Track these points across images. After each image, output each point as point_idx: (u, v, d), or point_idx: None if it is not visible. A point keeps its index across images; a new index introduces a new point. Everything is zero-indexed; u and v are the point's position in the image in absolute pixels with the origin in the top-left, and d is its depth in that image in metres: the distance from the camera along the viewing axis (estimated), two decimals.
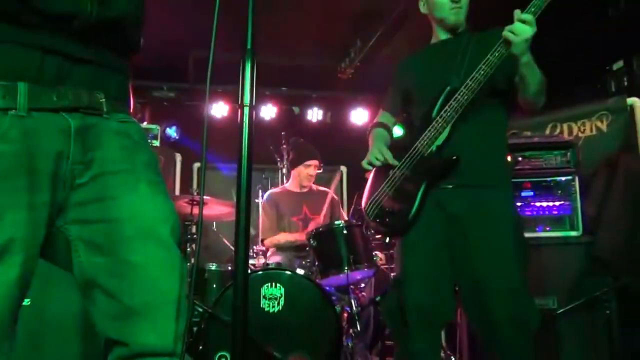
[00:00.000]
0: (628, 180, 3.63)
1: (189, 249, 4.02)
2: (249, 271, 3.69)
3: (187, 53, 5.77)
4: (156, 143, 5.20)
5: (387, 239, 3.33)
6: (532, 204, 3.74)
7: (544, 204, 3.75)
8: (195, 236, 3.93)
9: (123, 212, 1.19)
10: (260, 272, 3.16)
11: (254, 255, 4.70)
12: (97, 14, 1.16)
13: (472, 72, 2.08)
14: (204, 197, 3.73)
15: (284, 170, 5.32)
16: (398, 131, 2.54)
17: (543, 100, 2.18)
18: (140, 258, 1.18)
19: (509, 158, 3.72)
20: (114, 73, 1.28)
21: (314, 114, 6.72)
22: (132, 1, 1.25)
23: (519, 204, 3.68)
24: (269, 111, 6.54)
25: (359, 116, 6.75)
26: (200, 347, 3.03)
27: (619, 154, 3.83)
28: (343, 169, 6.80)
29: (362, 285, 3.80)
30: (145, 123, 5.68)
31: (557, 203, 3.71)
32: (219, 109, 6.33)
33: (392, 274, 3.74)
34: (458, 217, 2.15)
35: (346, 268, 3.23)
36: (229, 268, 4.06)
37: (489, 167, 2.21)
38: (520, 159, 3.76)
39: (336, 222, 3.46)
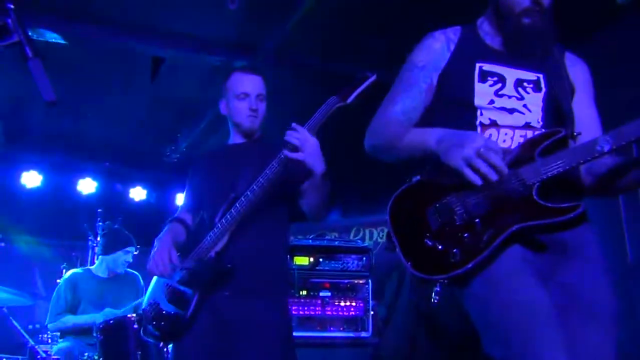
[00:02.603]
0: (414, 286, 3.98)
1: None
2: None
3: None
4: None
5: (161, 344, 3.23)
6: (330, 303, 3.91)
7: (341, 304, 3.95)
8: None
9: None
10: None
11: (48, 341, 4.31)
12: None
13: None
14: None
15: (97, 250, 5.04)
16: None
17: (326, 214, 2.34)
18: None
19: (310, 259, 3.95)
20: None
21: (137, 193, 6.55)
22: None
23: (319, 302, 3.87)
24: (87, 185, 6.23)
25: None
26: None
27: None
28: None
29: None
30: None
31: (352, 304, 3.93)
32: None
33: None
34: (232, 325, 2.17)
35: None
36: None
37: (265, 276, 2.28)
38: (321, 260, 3.96)
39: (128, 315, 3.30)
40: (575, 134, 1.46)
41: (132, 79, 4.66)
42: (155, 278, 2.40)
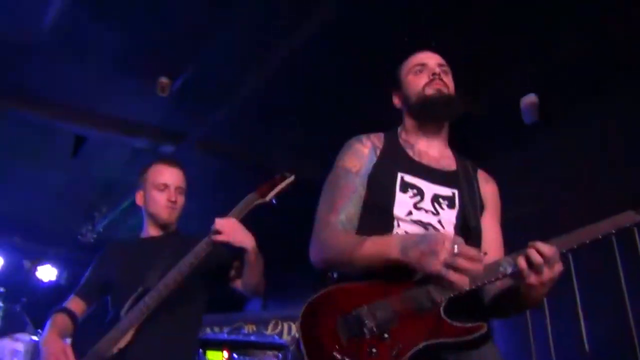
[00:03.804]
0: None
1: None
2: None
3: None
4: None
5: None
6: None
7: None
8: None
9: None
10: None
11: None
12: None
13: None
14: None
15: None
16: None
17: (263, 290, 2.25)
18: None
19: (225, 354, 3.79)
20: None
21: (46, 273, 6.16)
22: None
23: None
24: None
25: None
26: None
27: None
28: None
29: None
30: None
31: None
32: None
33: None
34: None
35: None
36: None
37: None
38: (235, 355, 3.83)
39: None
40: (482, 253, 1.49)
41: (51, 154, 4.51)
42: None
